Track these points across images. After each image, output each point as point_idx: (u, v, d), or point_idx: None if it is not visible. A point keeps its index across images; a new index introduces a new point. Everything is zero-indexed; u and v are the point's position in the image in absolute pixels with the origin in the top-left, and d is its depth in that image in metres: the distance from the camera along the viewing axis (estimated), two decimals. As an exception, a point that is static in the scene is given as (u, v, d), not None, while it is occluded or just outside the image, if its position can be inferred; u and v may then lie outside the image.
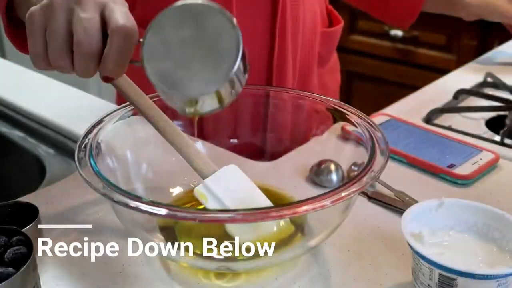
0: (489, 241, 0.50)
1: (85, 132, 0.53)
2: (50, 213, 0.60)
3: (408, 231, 0.47)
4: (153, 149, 0.62)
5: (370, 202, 0.63)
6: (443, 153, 0.73)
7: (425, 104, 0.91)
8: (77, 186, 0.65)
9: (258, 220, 0.42)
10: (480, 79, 1.05)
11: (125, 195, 0.44)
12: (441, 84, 1.05)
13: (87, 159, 0.49)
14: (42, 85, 0.98)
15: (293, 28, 0.81)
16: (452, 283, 0.44)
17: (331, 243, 0.56)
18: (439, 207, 0.51)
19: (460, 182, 0.68)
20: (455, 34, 1.78)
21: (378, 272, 0.52)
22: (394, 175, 0.69)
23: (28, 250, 0.43)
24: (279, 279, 0.51)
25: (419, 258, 0.46)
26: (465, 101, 0.96)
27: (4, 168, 0.87)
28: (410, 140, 0.76)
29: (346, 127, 0.59)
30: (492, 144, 0.79)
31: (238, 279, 0.51)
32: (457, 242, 0.50)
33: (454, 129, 0.83)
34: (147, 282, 0.51)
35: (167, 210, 0.43)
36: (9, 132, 0.86)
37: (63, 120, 0.83)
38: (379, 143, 0.52)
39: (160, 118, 0.54)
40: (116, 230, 0.57)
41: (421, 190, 0.66)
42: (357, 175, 0.47)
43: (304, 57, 0.85)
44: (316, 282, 0.51)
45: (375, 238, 0.57)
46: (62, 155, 0.78)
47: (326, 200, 0.43)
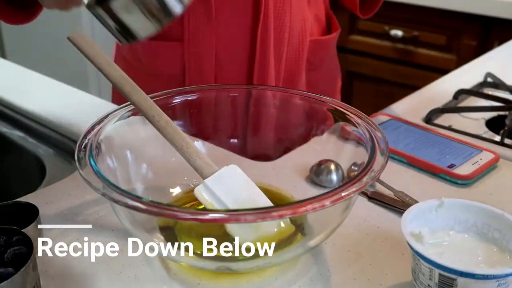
0: (489, 241, 0.50)
1: (85, 132, 0.53)
2: (50, 213, 0.60)
3: (408, 231, 0.47)
4: (153, 149, 0.62)
5: (370, 202, 0.63)
6: (443, 153, 0.73)
7: (425, 104, 0.91)
8: (77, 186, 0.65)
9: (258, 220, 0.42)
10: (480, 79, 1.05)
11: (125, 195, 0.44)
12: (441, 84, 1.05)
13: (87, 159, 0.49)
14: (42, 85, 0.98)
15: (277, 37, 0.79)
16: (452, 283, 0.44)
17: (331, 243, 0.56)
18: (439, 207, 0.51)
19: (460, 182, 0.68)
20: (455, 34, 1.78)
21: (378, 272, 0.52)
22: (394, 175, 0.69)
23: (28, 250, 0.43)
24: (279, 279, 0.51)
25: (419, 258, 0.46)
26: (465, 101, 0.96)
27: (4, 168, 0.87)
28: (410, 140, 0.76)
29: (346, 127, 0.59)
30: (492, 144, 0.79)
31: (238, 279, 0.51)
32: (457, 242, 0.50)
33: (454, 129, 0.83)
34: (147, 282, 0.51)
35: (166, 210, 0.43)
36: (9, 132, 0.86)
37: (63, 120, 0.83)
38: (379, 143, 0.52)
39: (160, 118, 0.54)
40: (116, 230, 0.57)
41: (421, 190, 0.66)
42: (357, 175, 0.47)
43: (290, 64, 0.83)
44: (316, 282, 0.51)
45: (375, 238, 0.57)
46: (62, 155, 0.78)
47: (326, 200, 0.43)
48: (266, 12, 0.76)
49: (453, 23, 1.77)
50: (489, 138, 0.81)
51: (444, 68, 1.71)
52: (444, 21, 1.78)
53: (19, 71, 1.06)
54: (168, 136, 0.54)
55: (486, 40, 1.74)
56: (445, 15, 1.76)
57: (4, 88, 0.95)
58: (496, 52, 1.31)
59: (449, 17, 1.76)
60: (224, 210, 0.51)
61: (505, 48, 1.34)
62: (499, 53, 1.30)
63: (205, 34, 0.76)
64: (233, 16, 0.77)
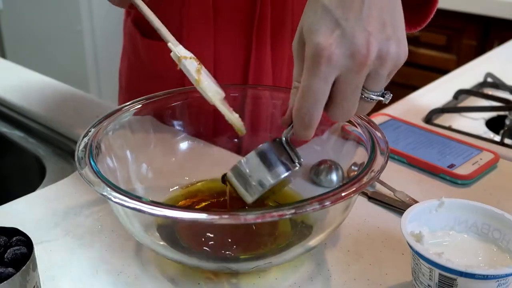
0: (489, 241, 0.50)
1: (85, 132, 0.53)
2: (50, 213, 0.60)
3: (408, 231, 0.47)
4: (153, 149, 0.62)
5: (370, 202, 0.64)
6: (443, 153, 0.73)
7: (425, 104, 0.92)
8: (77, 186, 0.65)
9: (258, 220, 0.42)
10: (480, 79, 1.05)
11: (125, 195, 0.44)
12: (441, 84, 1.05)
13: (87, 159, 0.49)
14: (42, 85, 0.98)
15: (277, 36, 0.78)
16: (452, 283, 0.44)
17: (331, 243, 0.56)
18: (439, 207, 0.51)
19: (460, 182, 0.68)
20: (455, 34, 1.78)
21: (378, 272, 0.52)
22: (394, 175, 0.69)
23: (28, 250, 0.43)
24: (279, 279, 0.51)
25: (419, 258, 0.46)
26: (465, 101, 0.96)
27: (4, 168, 0.87)
28: (410, 140, 0.76)
29: (346, 127, 0.59)
30: (492, 144, 0.79)
31: (238, 279, 0.51)
32: (457, 242, 0.50)
33: (454, 129, 0.83)
34: (147, 282, 0.51)
35: (167, 210, 0.43)
36: (9, 132, 0.86)
37: (63, 120, 0.83)
38: (379, 143, 0.52)
39: None
40: (116, 230, 0.57)
41: (421, 190, 0.67)
42: (357, 175, 0.47)
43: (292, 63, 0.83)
44: (316, 282, 0.51)
45: (375, 238, 0.57)
46: (62, 155, 0.78)
47: (326, 200, 0.43)
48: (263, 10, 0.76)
49: (453, 23, 1.77)
50: (489, 138, 0.81)
51: (444, 68, 1.71)
52: (444, 21, 1.78)
53: (19, 71, 1.06)
54: None
55: (486, 40, 1.74)
56: (445, 15, 1.76)
57: (4, 88, 0.95)
58: (496, 52, 1.32)
59: (449, 17, 1.76)
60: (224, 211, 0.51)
61: (505, 48, 1.34)
62: (499, 53, 1.30)
63: (203, 33, 0.76)
64: (231, 14, 0.77)
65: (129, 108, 0.59)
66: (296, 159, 0.50)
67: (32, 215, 0.59)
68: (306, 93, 0.43)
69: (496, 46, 1.48)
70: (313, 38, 0.42)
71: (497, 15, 1.67)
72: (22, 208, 0.61)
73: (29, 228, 0.53)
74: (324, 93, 0.43)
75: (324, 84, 0.43)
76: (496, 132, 0.85)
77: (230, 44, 0.78)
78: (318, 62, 0.42)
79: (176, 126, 0.64)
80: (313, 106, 0.44)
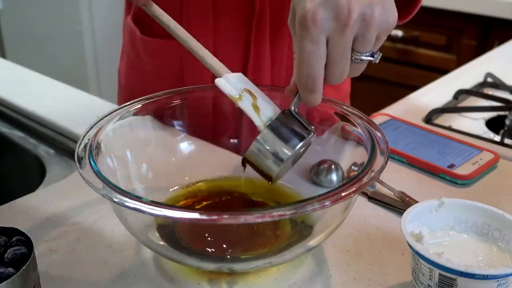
0: (489, 241, 0.50)
1: (85, 132, 0.53)
2: (50, 213, 0.60)
3: (408, 231, 0.47)
4: (153, 149, 0.62)
5: (370, 202, 0.63)
6: (443, 153, 0.73)
7: (425, 104, 0.92)
8: (77, 186, 0.65)
9: (258, 220, 0.42)
10: (480, 79, 1.05)
11: (125, 195, 0.44)
12: (441, 84, 1.05)
13: (87, 159, 0.49)
14: (42, 85, 0.99)
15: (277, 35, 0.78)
16: (452, 283, 0.44)
17: (331, 243, 0.56)
18: (439, 207, 0.51)
19: (460, 182, 0.68)
20: (455, 34, 1.78)
21: (378, 272, 0.52)
22: (394, 175, 0.69)
23: (28, 250, 0.43)
24: (279, 279, 0.51)
25: (419, 258, 0.46)
26: (465, 101, 0.96)
27: (4, 168, 0.87)
28: (410, 140, 0.76)
29: (346, 127, 0.59)
30: (492, 144, 0.79)
31: (238, 279, 0.51)
32: (457, 242, 0.50)
33: (454, 129, 0.83)
34: (147, 282, 0.51)
35: (167, 210, 0.43)
36: (9, 132, 0.86)
37: (63, 120, 0.83)
38: (379, 143, 0.52)
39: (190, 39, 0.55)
40: (116, 230, 0.57)
41: (421, 190, 0.67)
42: (357, 175, 0.47)
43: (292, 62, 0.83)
44: (316, 282, 0.51)
45: (375, 238, 0.57)
46: (62, 155, 0.78)
47: (326, 200, 0.43)
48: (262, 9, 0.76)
49: (453, 23, 1.77)
50: (489, 138, 0.81)
51: (444, 68, 1.71)
52: (444, 21, 1.78)
53: (19, 71, 1.06)
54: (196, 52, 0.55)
55: (486, 40, 1.74)
56: (445, 15, 1.76)
57: (4, 88, 0.95)
58: (496, 52, 1.32)
59: (449, 17, 1.76)
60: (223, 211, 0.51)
61: (505, 48, 1.34)
62: (499, 53, 1.30)
63: (202, 32, 0.76)
64: (230, 13, 0.77)
65: (129, 108, 0.59)
66: (307, 126, 0.51)
67: (32, 215, 0.59)
68: (301, 58, 0.45)
69: (496, 46, 1.48)
70: (300, 4, 0.45)
71: (497, 15, 1.67)
72: (22, 208, 0.61)
73: (29, 228, 0.54)
74: (318, 55, 0.45)
75: (315, 46, 0.44)
76: (496, 132, 0.85)
77: (229, 43, 0.78)
78: (306, 26, 0.44)
79: (176, 126, 0.64)
80: (311, 69, 0.46)
